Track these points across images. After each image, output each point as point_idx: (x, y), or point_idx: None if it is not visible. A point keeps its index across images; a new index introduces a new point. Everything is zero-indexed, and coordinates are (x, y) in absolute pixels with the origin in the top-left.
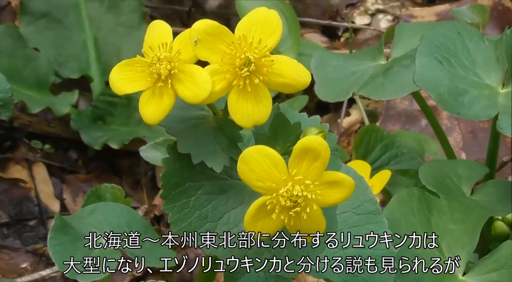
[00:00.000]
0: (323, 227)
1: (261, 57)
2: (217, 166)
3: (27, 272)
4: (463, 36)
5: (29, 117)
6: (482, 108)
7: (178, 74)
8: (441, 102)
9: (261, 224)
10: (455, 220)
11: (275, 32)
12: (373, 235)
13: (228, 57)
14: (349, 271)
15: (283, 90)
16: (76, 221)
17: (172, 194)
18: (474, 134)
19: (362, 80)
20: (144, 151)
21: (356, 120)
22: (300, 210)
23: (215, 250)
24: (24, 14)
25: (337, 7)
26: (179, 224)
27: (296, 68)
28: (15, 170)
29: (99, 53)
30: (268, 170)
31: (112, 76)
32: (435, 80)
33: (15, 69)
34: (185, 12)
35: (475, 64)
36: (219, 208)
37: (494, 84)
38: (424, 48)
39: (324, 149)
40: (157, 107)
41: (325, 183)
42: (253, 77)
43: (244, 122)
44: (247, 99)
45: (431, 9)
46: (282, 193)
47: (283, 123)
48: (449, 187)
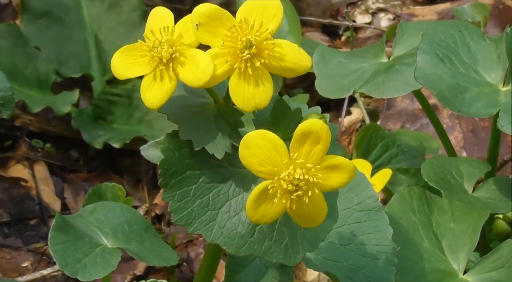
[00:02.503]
0: (325, 212)
1: (262, 40)
2: (219, 153)
3: (28, 271)
4: (464, 34)
5: (30, 116)
6: (483, 106)
7: (180, 57)
8: (442, 99)
9: (263, 209)
10: (455, 219)
11: (276, 15)
12: (375, 231)
13: (230, 40)
14: (350, 266)
15: (284, 74)
16: (77, 220)
17: (172, 183)
18: (475, 133)
19: (363, 77)
20: (145, 150)
21: (357, 119)
22: (302, 194)
23: (216, 238)
24: (25, 13)
25: (338, 5)
26: (180, 213)
27: (297, 52)
28: (16, 169)
29: (100, 52)
30: (269, 154)
31: (114, 61)
32: (436, 77)
33: (15, 68)
34: (186, 10)
35: (476, 62)
36: (220, 196)
37: (495, 82)
38: (425, 45)
39: (325, 133)
40: (158, 91)
41: (326, 167)
42: (254, 60)
43: (245, 105)
44: (248, 82)
45: (432, 8)
46: (284, 176)
47: (284, 109)
48: (451, 184)
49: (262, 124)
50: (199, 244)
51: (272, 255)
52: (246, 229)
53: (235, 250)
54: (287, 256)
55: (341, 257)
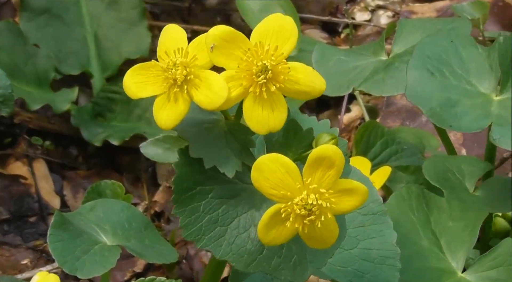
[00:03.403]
0: (336, 235)
1: (277, 64)
2: (230, 171)
3: (27, 269)
4: (456, 44)
5: (29, 113)
6: (475, 119)
7: (194, 79)
8: (432, 116)
9: (275, 232)
10: (454, 217)
11: (290, 38)
12: (379, 235)
13: (245, 64)
14: (354, 271)
15: (298, 97)
16: (76, 218)
17: (182, 198)
18: None
19: (362, 75)
20: (144, 147)
21: (356, 116)
22: (315, 219)
23: (225, 255)
24: (24, 10)
25: (337, 3)
26: (190, 228)
27: (312, 75)
28: (16, 166)
29: (99, 50)
30: (282, 178)
31: (126, 80)
32: (426, 94)
33: (15, 66)
34: (185, 8)
35: (469, 72)
36: (229, 212)
37: (487, 91)
38: (415, 60)
39: (339, 158)
40: (172, 112)
41: (339, 191)
42: (269, 84)
43: (259, 129)
44: (262, 106)
45: (431, 5)
46: (297, 201)
47: (296, 129)
48: (452, 182)
49: (274, 145)
50: None
51: (280, 273)
52: (255, 246)
53: (244, 267)
54: (295, 273)
55: (345, 262)
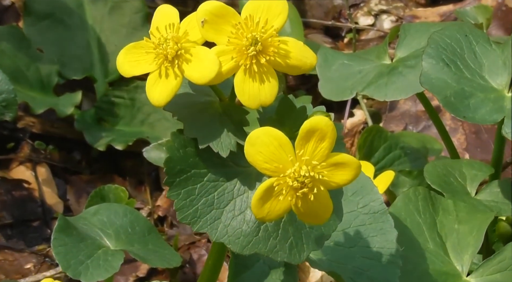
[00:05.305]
0: (330, 209)
1: (267, 37)
2: (223, 151)
3: (30, 273)
4: (470, 39)
5: (32, 117)
6: (488, 112)
7: (185, 54)
8: (446, 105)
9: (269, 207)
10: (460, 220)
11: (281, 13)
12: (379, 233)
13: (235, 37)
14: (354, 269)
15: (289, 71)
16: (79, 222)
17: (177, 181)
18: (478, 134)
19: (366, 79)
20: (148, 151)
21: (359, 120)
22: (307, 191)
23: (221, 237)
24: (28, 15)
25: (341, 7)
26: (185, 211)
27: (303, 50)
28: (19, 171)
29: (102, 54)
30: (275, 151)
31: (120, 58)
32: (441, 82)
33: (18, 70)
34: (188, 12)
35: (482, 67)
36: (225, 195)
37: (500, 87)
38: (431, 50)
39: (331, 130)
40: (164, 88)
41: (331, 164)
42: (259, 56)
43: (250, 102)
44: (253, 79)
45: (434, 10)
46: (289, 174)
47: (289, 108)
48: (454, 186)
49: (267, 123)
50: (202, 246)
51: (277, 254)
52: (251, 227)
53: (240, 249)
54: (292, 255)
55: (345, 259)
